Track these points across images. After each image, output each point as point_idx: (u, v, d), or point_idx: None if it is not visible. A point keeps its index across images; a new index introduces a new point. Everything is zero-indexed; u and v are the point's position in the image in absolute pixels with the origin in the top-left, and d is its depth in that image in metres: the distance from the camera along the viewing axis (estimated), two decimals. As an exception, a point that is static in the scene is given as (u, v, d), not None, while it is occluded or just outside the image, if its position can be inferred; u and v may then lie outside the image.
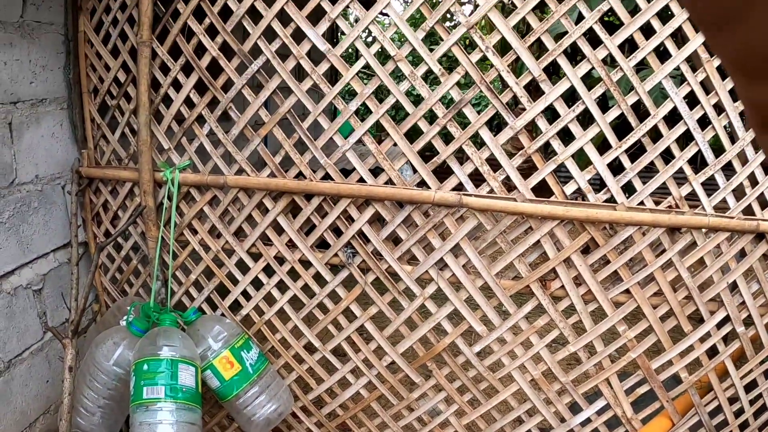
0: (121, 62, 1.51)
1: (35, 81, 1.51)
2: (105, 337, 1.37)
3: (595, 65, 1.27)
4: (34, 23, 1.48)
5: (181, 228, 1.49)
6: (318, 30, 1.32)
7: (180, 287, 1.55)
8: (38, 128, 1.52)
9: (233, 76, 1.38)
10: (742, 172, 1.31)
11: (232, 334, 1.43)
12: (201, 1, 1.38)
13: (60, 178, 1.60)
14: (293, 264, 1.43)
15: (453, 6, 1.29)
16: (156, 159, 1.47)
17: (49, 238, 1.57)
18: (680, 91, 1.28)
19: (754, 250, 1.34)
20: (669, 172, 1.31)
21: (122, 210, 1.58)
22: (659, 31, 1.25)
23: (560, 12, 1.25)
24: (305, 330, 1.48)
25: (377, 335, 1.45)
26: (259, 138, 1.37)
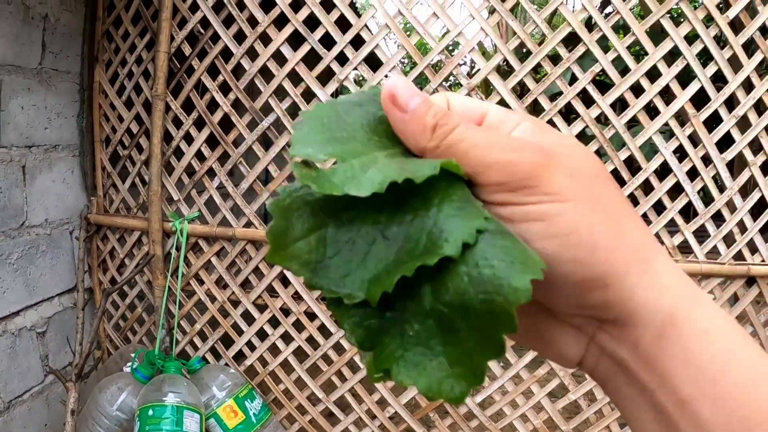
0: (135, 114, 1.58)
1: (50, 127, 1.57)
2: (109, 382, 1.38)
3: (589, 123, 1.35)
4: (51, 71, 1.55)
5: (188, 278, 1.52)
6: (327, 90, 1.39)
7: (184, 336, 1.57)
8: (50, 173, 1.57)
9: (244, 131, 1.44)
10: (731, 219, 1.38)
11: (236, 383, 1.45)
12: (215, 58, 1.46)
13: (69, 223, 1.64)
14: (299, 315, 1.47)
15: (454, 69, 1.37)
16: (165, 210, 1.52)
17: (55, 282, 1.60)
18: (669, 146, 1.36)
19: (746, 294, 1.39)
20: (661, 223, 1.37)
21: (129, 258, 1.62)
22: (648, 89, 1.34)
23: (555, 74, 1.34)
24: (309, 381, 1.50)
25: (380, 386, 1.47)
26: (268, 192, 1.43)
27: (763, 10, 1.35)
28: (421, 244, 0.18)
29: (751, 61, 1.35)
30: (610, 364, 0.22)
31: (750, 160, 1.39)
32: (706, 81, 1.35)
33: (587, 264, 0.20)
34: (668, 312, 0.20)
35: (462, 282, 0.18)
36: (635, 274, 0.20)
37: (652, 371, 0.20)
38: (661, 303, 0.20)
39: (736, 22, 1.37)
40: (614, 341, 0.21)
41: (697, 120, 1.36)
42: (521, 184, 0.19)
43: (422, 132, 0.20)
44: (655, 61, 1.34)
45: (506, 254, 0.18)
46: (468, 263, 0.18)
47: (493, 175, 0.20)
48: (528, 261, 0.18)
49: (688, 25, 1.34)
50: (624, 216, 0.21)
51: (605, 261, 0.20)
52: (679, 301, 0.20)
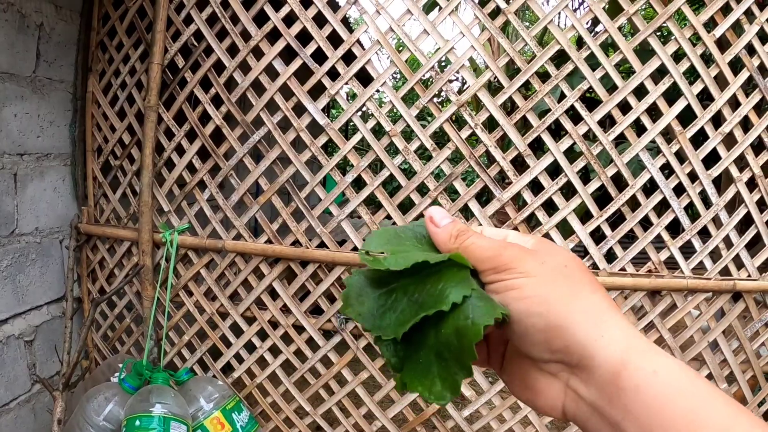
0: (127, 124, 1.60)
1: (42, 135, 1.59)
2: (96, 392, 1.39)
3: (577, 140, 1.38)
4: (45, 79, 1.57)
5: (177, 289, 1.54)
6: (318, 104, 1.42)
7: (172, 348, 1.58)
8: (41, 182, 1.59)
9: (235, 144, 1.47)
10: (717, 235, 1.40)
11: (224, 395, 1.45)
12: (208, 71, 1.49)
13: (59, 232, 1.66)
14: (287, 328, 1.48)
15: (444, 85, 1.40)
16: (156, 220, 1.54)
17: (44, 291, 1.61)
18: (656, 162, 1.39)
19: (733, 309, 1.42)
20: (648, 239, 1.40)
21: (118, 268, 1.63)
22: (635, 106, 1.37)
23: (544, 91, 1.37)
24: (296, 394, 1.51)
25: (368, 400, 1.48)
26: (258, 205, 1.44)
27: (749, 29, 1.38)
28: (429, 303, 0.29)
29: (737, 79, 1.38)
30: (584, 407, 0.29)
31: (736, 176, 1.41)
32: (692, 98, 1.38)
33: (546, 315, 0.28)
34: (621, 356, 0.27)
35: (450, 328, 0.28)
36: (591, 325, 0.28)
37: (615, 406, 0.26)
38: (614, 348, 0.27)
39: (722, 40, 1.41)
40: (583, 384, 0.28)
41: (684, 137, 1.38)
42: (504, 268, 0.30)
43: (448, 239, 0.32)
44: (642, 78, 1.37)
45: (480, 311, 0.28)
46: (456, 316, 0.28)
47: (487, 263, 0.30)
48: (491, 312, 0.28)
49: (675, 43, 1.37)
50: (583, 286, 0.30)
51: (560, 313, 0.28)
52: (630, 349, 0.27)
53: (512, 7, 1.36)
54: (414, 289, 0.30)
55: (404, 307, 0.30)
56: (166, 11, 1.48)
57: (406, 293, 0.30)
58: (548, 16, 1.38)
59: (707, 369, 1.43)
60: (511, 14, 1.36)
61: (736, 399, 1.47)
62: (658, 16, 1.36)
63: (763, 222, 1.41)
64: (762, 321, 1.44)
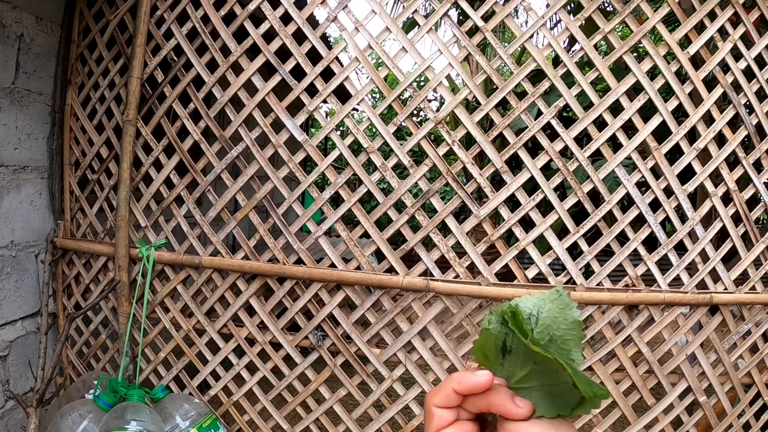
0: (105, 138, 1.62)
1: (19, 147, 1.61)
2: (71, 409, 1.40)
3: (553, 157, 1.42)
4: (24, 91, 1.59)
5: (153, 305, 1.55)
6: (296, 120, 1.45)
7: (148, 365, 1.59)
8: (18, 194, 1.61)
9: (213, 160, 1.49)
10: (693, 249, 1.45)
11: (200, 413, 1.47)
12: (187, 86, 1.52)
13: (34, 246, 1.67)
14: (264, 345, 1.50)
15: (422, 103, 1.44)
16: (132, 236, 1.56)
17: (18, 305, 1.62)
18: (632, 178, 1.43)
19: (710, 322, 1.46)
20: (625, 254, 1.44)
21: (94, 284, 1.64)
22: (611, 123, 1.42)
23: (521, 108, 1.41)
24: (274, 412, 1.53)
25: (346, 417, 1.50)
26: (235, 221, 1.47)
27: (722, 46, 1.44)
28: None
29: (712, 96, 1.43)
30: None
31: (711, 191, 1.46)
32: (667, 115, 1.43)
33: None
34: None
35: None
36: None
37: None
38: None
39: (697, 57, 1.46)
40: None
41: (659, 153, 1.43)
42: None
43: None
44: (618, 95, 1.42)
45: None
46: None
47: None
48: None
49: (650, 60, 1.42)
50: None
51: None
52: None
53: (489, 25, 1.41)
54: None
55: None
56: (146, 25, 1.52)
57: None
58: (525, 34, 1.43)
59: (686, 382, 1.47)
60: (489, 32, 1.41)
61: (716, 412, 1.51)
62: (634, 34, 1.41)
63: (739, 236, 1.46)
64: (739, 333, 1.49)
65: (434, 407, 0.37)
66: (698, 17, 1.40)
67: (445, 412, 0.37)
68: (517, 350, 0.36)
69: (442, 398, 0.37)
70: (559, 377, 0.35)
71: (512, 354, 0.37)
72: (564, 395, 0.35)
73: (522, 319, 0.36)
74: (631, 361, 1.45)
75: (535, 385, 0.36)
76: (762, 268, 1.48)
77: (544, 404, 0.35)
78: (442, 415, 0.37)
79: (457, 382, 0.36)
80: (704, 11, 1.40)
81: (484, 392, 0.36)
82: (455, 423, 0.37)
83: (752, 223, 1.47)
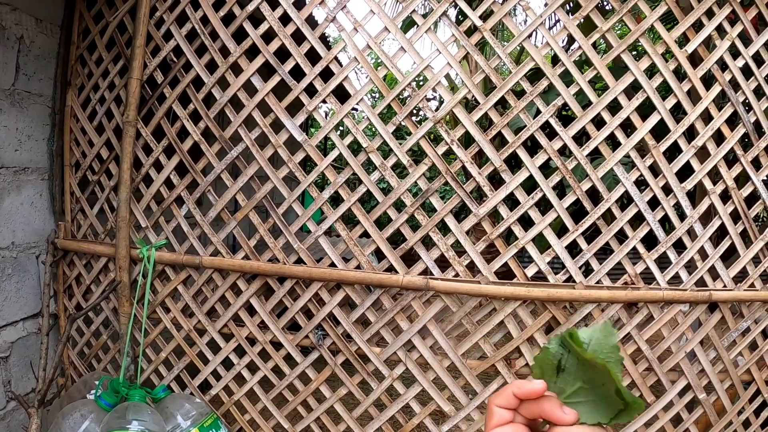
0: (105, 139, 1.63)
1: (20, 149, 1.62)
2: (72, 409, 1.41)
3: (552, 155, 1.43)
4: (24, 93, 1.60)
5: (154, 305, 1.56)
6: (296, 121, 1.46)
7: (149, 365, 1.60)
8: (18, 196, 1.61)
9: (213, 160, 1.50)
10: (692, 246, 1.46)
11: (201, 413, 1.47)
12: (187, 87, 1.53)
13: (35, 247, 1.68)
14: (264, 345, 1.51)
15: (421, 102, 1.45)
16: (133, 236, 1.57)
17: (19, 307, 1.63)
18: (631, 176, 1.44)
19: (709, 319, 1.47)
20: (623, 251, 1.45)
21: (95, 284, 1.65)
22: (609, 121, 1.43)
23: (519, 107, 1.42)
24: (275, 411, 1.54)
25: (346, 416, 1.51)
26: (236, 221, 1.48)
27: (720, 44, 1.44)
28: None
29: (710, 93, 1.44)
30: None
31: (710, 188, 1.47)
32: (665, 113, 1.44)
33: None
34: None
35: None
36: None
37: None
38: None
39: (695, 55, 1.47)
40: None
41: (658, 151, 1.44)
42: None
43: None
44: (616, 94, 1.43)
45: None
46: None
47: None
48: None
49: (648, 59, 1.43)
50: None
51: None
52: None
53: (488, 24, 1.42)
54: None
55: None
56: (146, 27, 1.52)
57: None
58: (523, 33, 1.43)
59: (685, 380, 1.47)
60: (487, 32, 1.42)
61: (716, 410, 1.52)
62: (632, 33, 1.42)
63: (737, 233, 1.47)
64: (738, 330, 1.49)
65: (495, 407, 0.43)
66: (696, 15, 1.41)
67: (504, 411, 0.43)
68: (569, 370, 0.44)
69: (503, 399, 0.43)
70: (603, 391, 0.42)
71: (565, 372, 0.44)
72: (605, 407, 0.42)
73: (579, 339, 0.43)
74: (630, 359, 1.46)
75: (581, 400, 0.43)
76: (761, 266, 1.48)
77: (587, 415, 0.42)
78: (502, 414, 0.43)
79: (516, 386, 0.43)
80: (702, 9, 1.41)
81: (537, 399, 0.42)
82: (511, 423, 0.43)
83: (751, 220, 1.48)
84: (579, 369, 0.43)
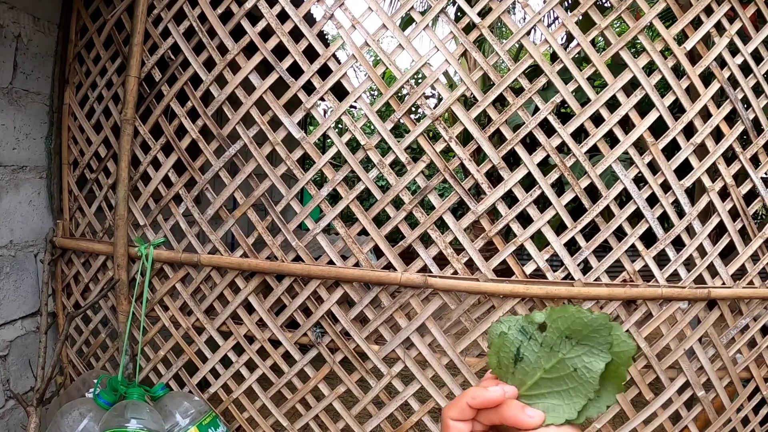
0: (103, 137, 1.63)
1: (18, 147, 1.62)
2: (71, 408, 1.41)
3: (550, 152, 1.43)
4: (22, 91, 1.60)
5: (152, 304, 1.56)
6: (294, 118, 1.46)
7: (148, 363, 1.60)
8: (17, 194, 1.62)
9: (211, 158, 1.50)
10: (691, 244, 1.46)
11: (200, 411, 1.48)
12: (184, 85, 1.53)
13: (33, 246, 1.68)
14: (263, 343, 1.51)
15: (419, 99, 1.45)
16: (131, 234, 1.57)
17: (18, 305, 1.63)
18: (629, 173, 1.44)
19: (708, 317, 1.47)
20: (622, 249, 1.45)
21: (93, 283, 1.66)
22: (608, 119, 1.43)
23: (518, 104, 1.42)
24: (273, 409, 1.54)
25: (345, 414, 1.51)
26: (234, 219, 1.48)
27: (719, 41, 1.44)
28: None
29: (708, 91, 1.44)
30: None
31: (708, 186, 1.47)
32: (664, 110, 1.44)
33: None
34: None
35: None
36: None
37: None
38: None
39: (693, 53, 1.47)
40: None
41: (656, 148, 1.44)
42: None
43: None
44: (614, 91, 1.43)
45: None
46: None
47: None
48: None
49: (646, 56, 1.43)
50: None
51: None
52: None
53: (486, 21, 1.42)
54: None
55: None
56: (143, 24, 1.52)
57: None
58: (521, 30, 1.43)
59: (684, 377, 1.48)
60: (485, 29, 1.42)
61: (715, 407, 1.52)
62: (630, 30, 1.42)
63: (736, 231, 1.47)
64: (737, 328, 1.50)
65: (450, 420, 0.40)
66: (695, 12, 1.41)
67: (460, 424, 0.40)
68: (528, 358, 0.39)
69: (457, 412, 0.40)
70: (568, 380, 0.38)
71: (523, 362, 0.39)
72: (571, 399, 0.38)
73: (536, 321, 0.39)
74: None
75: (544, 392, 0.38)
76: (759, 263, 1.49)
77: (552, 411, 0.38)
78: (458, 427, 0.40)
79: (471, 396, 0.39)
80: (701, 6, 1.41)
81: (496, 406, 0.38)
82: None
83: (750, 218, 1.48)
84: (539, 357, 0.39)
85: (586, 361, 0.38)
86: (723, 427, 1.52)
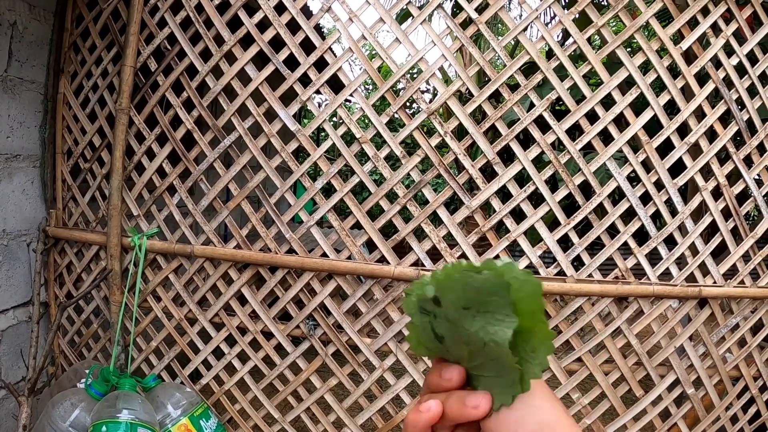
0: (98, 127, 1.63)
1: (12, 136, 1.61)
2: (62, 398, 1.41)
3: (545, 149, 1.44)
4: (16, 79, 1.60)
5: (145, 294, 1.57)
6: (289, 110, 1.46)
7: (140, 354, 1.61)
8: (10, 183, 1.61)
9: (206, 149, 1.51)
10: (683, 242, 1.47)
11: (192, 402, 1.48)
12: (180, 75, 1.53)
13: (26, 235, 1.68)
14: (255, 335, 1.52)
15: (415, 94, 1.45)
16: (125, 225, 1.57)
17: (10, 295, 1.63)
18: (623, 171, 1.46)
19: (699, 315, 1.49)
20: (615, 246, 1.46)
21: (86, 273, 1.66)
22: (603, 116, 1.44)
23: (513, 100, 1.43)
24: (265, 401, 1.55)
25: (336, 407, 1.52)
26: (228, 210, 1.48)
27: (715, 42, 1.46)
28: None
29: (703, 91, 1.46)
30: None
31: (701, 185, 1.49)
32: (659, 109, 1.45)
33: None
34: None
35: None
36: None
37: None
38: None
39: (689, 53, 1.48)
40: None
41: (650, 146, 1.45)
42: None
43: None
44: (610, 89, 1.44)
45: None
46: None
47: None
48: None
49: (642, 55, 1.44)
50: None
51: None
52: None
53: (483, 17, 1.43)
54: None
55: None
56: (140, 14, 1.52)
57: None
58: (518, 26, 1.44)
59: (674, 374, 1.49)
60: (482, 24, 1.43)
61: (704, 405, 1.54)
62: (627, 29, 1.43)
63: (728, 230, 1.48)
64: (727, 327, 1.51)
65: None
66: (691, 12, 1.42)
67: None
68: (448, 336, 0.33)
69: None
70: (487, 355, 0.32)
71: (446, 340, 0.34)
72: (507, 373, 0.32)
73: (427, 295, 0.33)
74: (620, 353, 1.48)
75: (481, 362, 0.33)
76: (751, 263, 1.50)
77: (498, 387, 0.33)
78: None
79: (409, 428, 0.34)
80: (697, 7, 1.42)
81: (441, 417, 0.33)
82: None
83: (742, 217, 1.49)
84: (453, 332, 0.33)
85: (491, 332, 0.31)
86: (712, 425, 1.54)
